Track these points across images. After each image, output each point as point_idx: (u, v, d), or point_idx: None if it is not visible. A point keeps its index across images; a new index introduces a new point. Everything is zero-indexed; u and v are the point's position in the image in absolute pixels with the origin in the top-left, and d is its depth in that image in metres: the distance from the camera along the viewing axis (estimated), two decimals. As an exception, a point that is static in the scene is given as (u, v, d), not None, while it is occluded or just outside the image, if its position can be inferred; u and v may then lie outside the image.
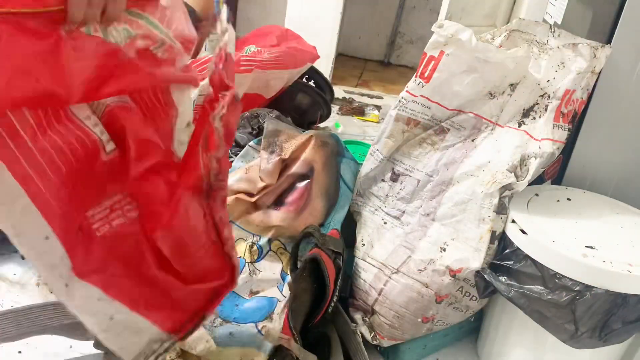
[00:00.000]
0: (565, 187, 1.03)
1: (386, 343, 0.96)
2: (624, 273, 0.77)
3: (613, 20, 0.97)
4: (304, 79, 1.55)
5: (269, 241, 1.00)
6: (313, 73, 1.58)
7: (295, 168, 1.03)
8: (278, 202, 1.02)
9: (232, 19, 1.34)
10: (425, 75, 0.95)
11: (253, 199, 1.01)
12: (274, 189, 1.02)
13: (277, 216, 1.01)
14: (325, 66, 2.21)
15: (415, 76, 0.97)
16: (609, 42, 0.97)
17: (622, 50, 0.96)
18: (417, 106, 0.97)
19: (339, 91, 2.25)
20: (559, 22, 1.19)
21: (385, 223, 1.00)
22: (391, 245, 0.97)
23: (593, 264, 0.78)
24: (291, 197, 1.02)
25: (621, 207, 0.98)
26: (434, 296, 0.91)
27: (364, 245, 1.01)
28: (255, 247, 0.99)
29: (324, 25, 2.19)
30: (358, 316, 0.97)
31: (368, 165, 1.04)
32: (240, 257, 0.97)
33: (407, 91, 0.97)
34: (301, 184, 1.03)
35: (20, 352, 0.89)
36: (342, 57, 2.86)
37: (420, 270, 0.92)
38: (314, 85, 1.57)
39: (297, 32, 1.71)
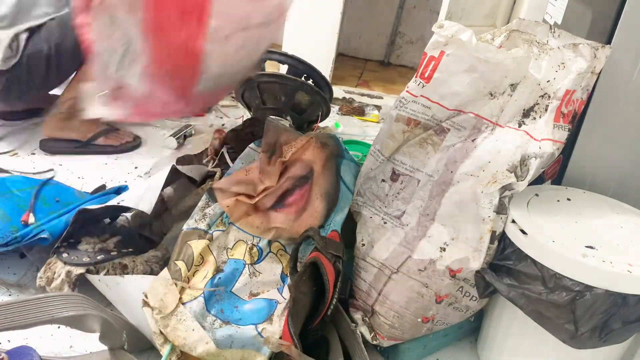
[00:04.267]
0: (565, 187, 1.03)
1: (386, 343, 0.96)
2: (624, 273, 0.77)
3: (613, 20, 0.97)
4: (303, 78, 1.55)
5: (269, 243, 1.00)
6: (311, 72, 1.58)
7: (295, 170, 1.03)
8: (278, 204, 1.02)
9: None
10: (426, 75, 0.95)
11: (253, 201, 1.00)
12: (274, 191, 1.01)
13: (277, 218, 1.00)
14: (325, 66, 2.21)
15: (416, 76, 0.96)
16: (609, 42, 0.97)
17: (622, 50, 0.96)
18: (418, 106, 0.97)
19: (339, 91, 2.25)
20: (559, 22, 1.19)
21: (385, 223, 1.00)
22: (391, 245, 0.97)
23: (593, 264, 0.78)
24: (291, 199, 1.02)
25: (621, 207, 0.98)
26: (433, 296, 0.91)
27: (364, 245, 1.01)
28: (255, 249, 0.99)
29: (324, 25, 2.18)
30: (358, 316, 0.97)
31: (368, 165, 1.04)
32: (240, 259, 0.97)
33: (407, 91, 0.97)
34: (301, 186, 1.03)
35: (20, 352, 0.89)
36: (342, 57, 2.85)
37: (420, 270, 0.92)
38: (313, 84, 1.56)
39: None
